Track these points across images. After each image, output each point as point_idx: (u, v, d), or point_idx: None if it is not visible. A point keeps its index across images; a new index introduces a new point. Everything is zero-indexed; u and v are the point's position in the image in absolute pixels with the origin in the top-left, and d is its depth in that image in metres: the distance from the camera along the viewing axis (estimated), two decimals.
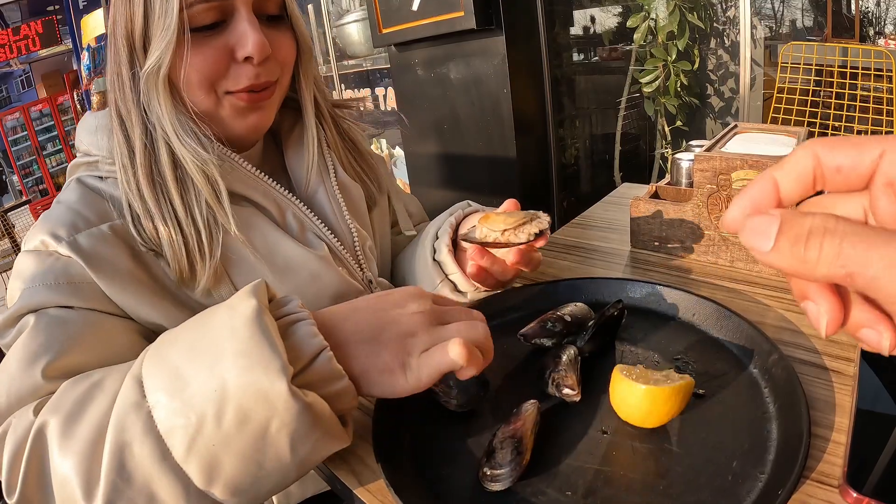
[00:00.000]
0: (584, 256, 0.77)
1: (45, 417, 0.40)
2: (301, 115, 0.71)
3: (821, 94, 1.93)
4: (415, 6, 1.99)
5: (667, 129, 2.20)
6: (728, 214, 0.22)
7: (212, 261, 0.56)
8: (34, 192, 6.65)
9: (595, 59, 2.42)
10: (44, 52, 6.59)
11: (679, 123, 2.16)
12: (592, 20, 2.40)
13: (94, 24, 6.09)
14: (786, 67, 1.93)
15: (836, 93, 1.89)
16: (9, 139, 6.50)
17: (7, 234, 3.50)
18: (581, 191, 2.45)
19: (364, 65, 3.18)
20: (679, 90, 2.08)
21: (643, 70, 2.11)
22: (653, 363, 0.52)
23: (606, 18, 2.36)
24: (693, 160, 0.70)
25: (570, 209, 2.29)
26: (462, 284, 0.64)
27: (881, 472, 0.37)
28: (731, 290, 0.64)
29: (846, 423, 0.42)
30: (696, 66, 2.07)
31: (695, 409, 0.44)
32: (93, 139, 0.61)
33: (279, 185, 0.65)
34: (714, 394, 0.46)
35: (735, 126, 0.81)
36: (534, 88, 2.10)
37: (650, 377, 0.42)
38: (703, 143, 0.77)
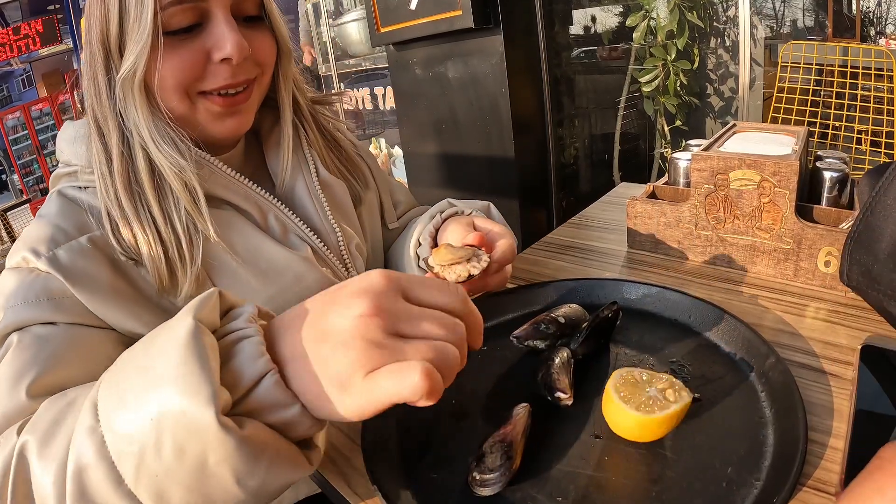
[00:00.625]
0: (580, 257, 0.76)
1: (25, 437, 0.39)
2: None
3: (821, 94, 1.92)
4: (413, 5, 1.99)
5: (666, 129, 2.19)
6: None
7: (192, 267, 0.55)
8: (34, 192, 6.65)
9: (594, 58, 2.41)
10: (44, 52, 6.59)
11: (678, 123, 2.15)
12: (591, 19, 2.39)
13: None
14: (786, 67, 1.92)
15: (837, 92, 1.88)
16: (9, 138, 6.50)
17: (7, 234, 3.50)
18: (580, 190, 2.44)
19: (363, 64, 3.18)
20: (678, 89, 2.07)
21: (642, 69, 2.10)
22: (648, 366, 0.51)
23: (605, 17, 2.35)
24: (690, 160, 0.69)
25: (569, 209, 2.28)
26: None
27: None
28: (729, 292, 0.63)
29: (844, 429, 0.42)
30: (696, 66, 2.07)
31: (690, 414, 0.43)
32: (73, 149, 0.60)
33: (260, 188, 0.64)
34: (710, 398, 0.45)
35: (734, 125, 0.80)
36: (532, 87, 2.09)
37: (644, 394, 0.41)
38: (702, 143, 0.76)
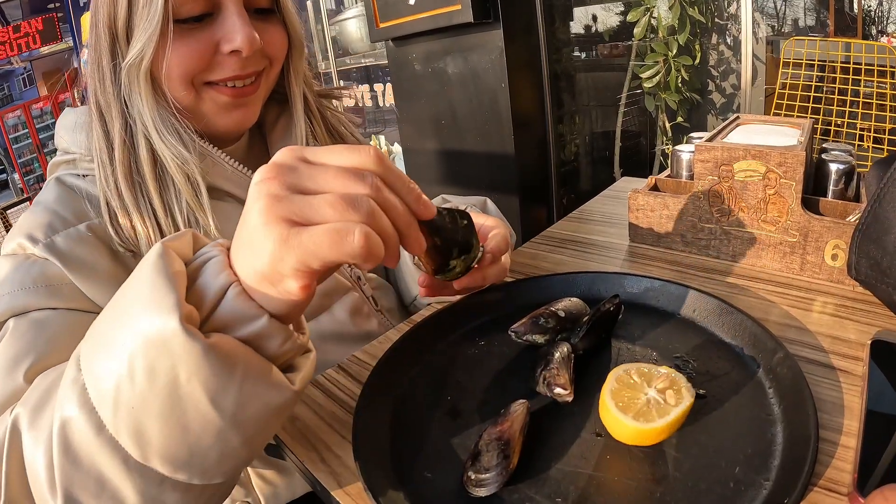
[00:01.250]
0: (580, 251, 0.74)
1: (17, 410, 0.38)
2: (285, 107, 0.69)
3: (823, 91, 1.91)
4: (412, 0, 1.97)
5: (667, 125, 2.17)
6: None
7: None
8: (35, 190, 6.64)
9: (595, 54, 2.40)
10: (45, 50, 6.58)
11: (680, 119, 2.13)
12: (592, 15, 2.37)
13: None
14: (788, 63, 1.91)
15: (839, 89, 1.86)
16: (10, 137, 6.49)
17: (7, 232, 3.50)
18: (581, 187, 2.42)
19: (363, 61, 3.17)
20: (680, 85, 2.05)
21: (643, 65, 2.09)
22: (651, 362, 0.49)
23: (606, 13, 2.34)
24: (693, 151, 0.68)
25: (570, 206, 2.27)
26: None
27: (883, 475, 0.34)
28: (734, 286, 0.61)
29: (855, 426, 0.40)
30: (697, 61, 2.05)
31: (695, 411, 0.41)
32: (72, 136, 0.60)
33: None
34: (715, 395, 0.44)
35: (737, 118, 0.79)
36: (532, 83, 2.08)
37: (642, 399, 0.39)
38: (704, 136, 0.74)
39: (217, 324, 0.34)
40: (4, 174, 6.75)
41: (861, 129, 1.87)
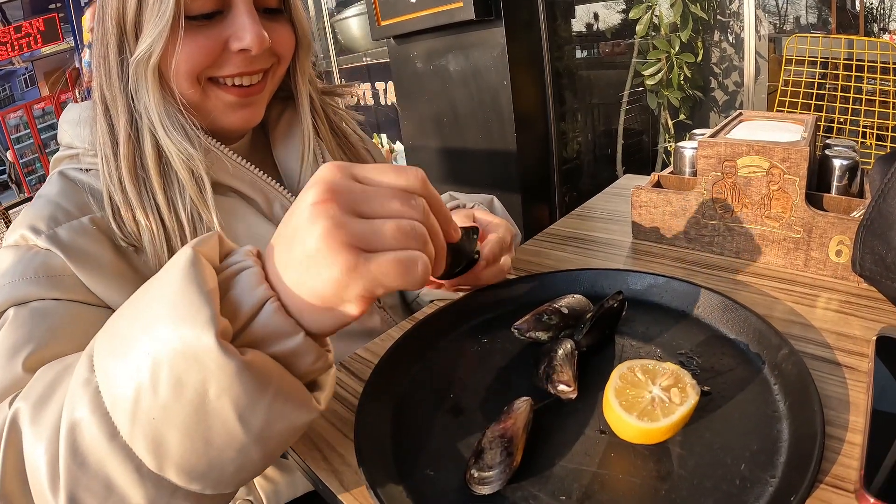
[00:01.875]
0: (583, 248, 0.74)
1: (18, 405, 0.38)
2: (288, 105, 0.69)
3: (826, 88, 1.90)
4: None
5: (670, 123, 2.16)
6: None
7: None
8: (36, 190, 6.65)
9: (597, 52, 2.39)
10: (46, 50, 6.58)
11: (682, 117, 2.12)
12: (594, 12, 2.36)
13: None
14: (791, 60, 1.90)
15: (842, 86, 1.85)
16: (11, 137, 6.50)
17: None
18: (583, 185, 2.42)
19: (364, 59, 3.16)
20: (682, 83, 2.04)
21: (646, 62, 2.08)
22: (655, 359, 0.49)
23: (608, 10, 2.33)
24: (697, 148, 0.67)
25: (572, 204, 2.26)
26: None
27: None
28: (738, 282, 0.61)
29: (861, 423, 0.40)
30: (700, 59, 2.04)
31: (700, 408, 0.41)
32: (76, 131, 0.60)
33: (267, 176, 0.63)
34: (720, 392, 0.43)
35: (740, 114, 0.78)
36: (534, 81, 2.07)
37: (646, 398, 0.39)
38: (707, 132, 0.74)
39: (250, 338, 0.33)
40: (5, 174, 6.76)
41: (864, 126, 1.86)
